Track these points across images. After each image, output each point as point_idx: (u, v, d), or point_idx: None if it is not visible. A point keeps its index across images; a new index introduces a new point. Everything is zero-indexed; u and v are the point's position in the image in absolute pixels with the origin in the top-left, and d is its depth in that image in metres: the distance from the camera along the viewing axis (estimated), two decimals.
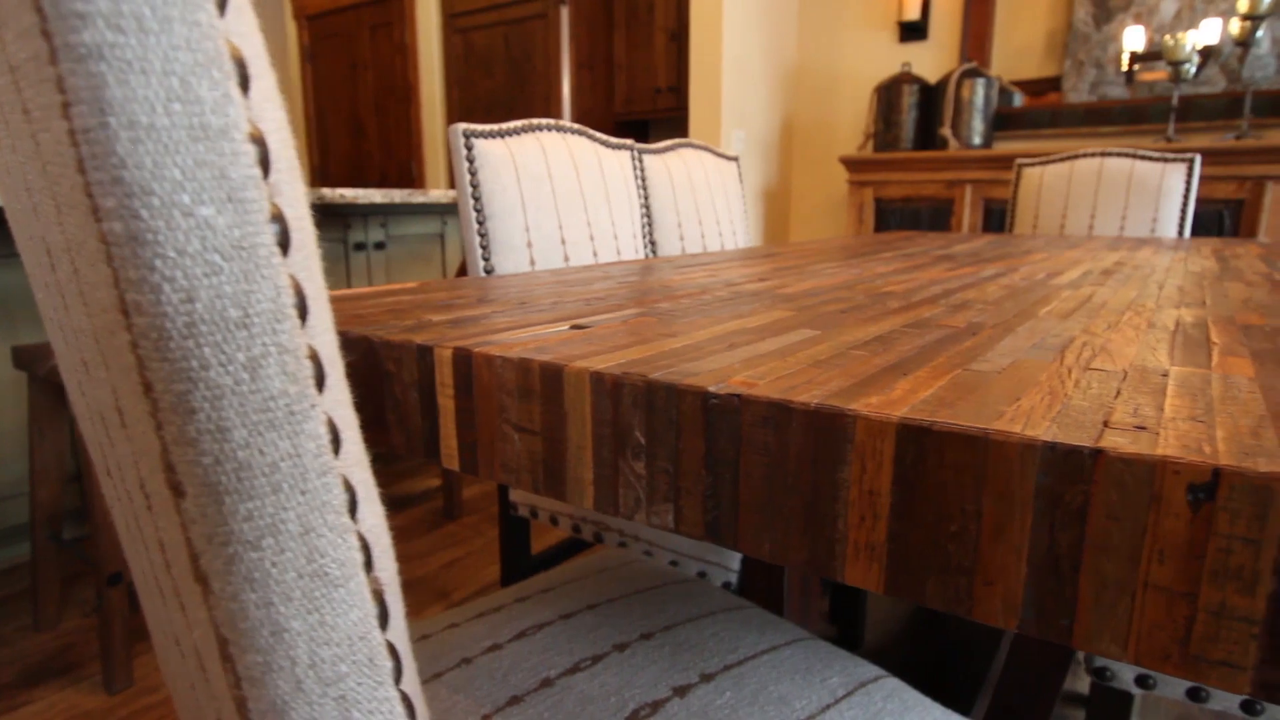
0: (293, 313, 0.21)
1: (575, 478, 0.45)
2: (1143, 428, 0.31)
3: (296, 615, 0.22)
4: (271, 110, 0.22)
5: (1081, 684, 1.44)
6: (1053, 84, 3.16)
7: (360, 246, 2.23)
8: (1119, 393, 0.37)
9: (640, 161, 1.60)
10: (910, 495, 0.33)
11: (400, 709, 0.26)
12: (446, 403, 0.51)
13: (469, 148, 1.19)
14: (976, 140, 2.98)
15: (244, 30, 0.20)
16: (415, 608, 1.56)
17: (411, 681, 0.29)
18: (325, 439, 0.23)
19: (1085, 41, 3.14)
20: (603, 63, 3.67)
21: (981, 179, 2.83)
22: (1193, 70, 2.82)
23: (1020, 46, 3.16)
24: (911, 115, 3.03)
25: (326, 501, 0.23)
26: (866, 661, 0.67)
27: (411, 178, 4.47)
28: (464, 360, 0.49)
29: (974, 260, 1.20)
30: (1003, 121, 3.09)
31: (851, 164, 3.14)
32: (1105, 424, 0.32)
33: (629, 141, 1.50)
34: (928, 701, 0.62)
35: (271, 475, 0.21)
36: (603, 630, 0.67)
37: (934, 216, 2.96)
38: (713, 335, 0.54)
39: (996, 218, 2.85)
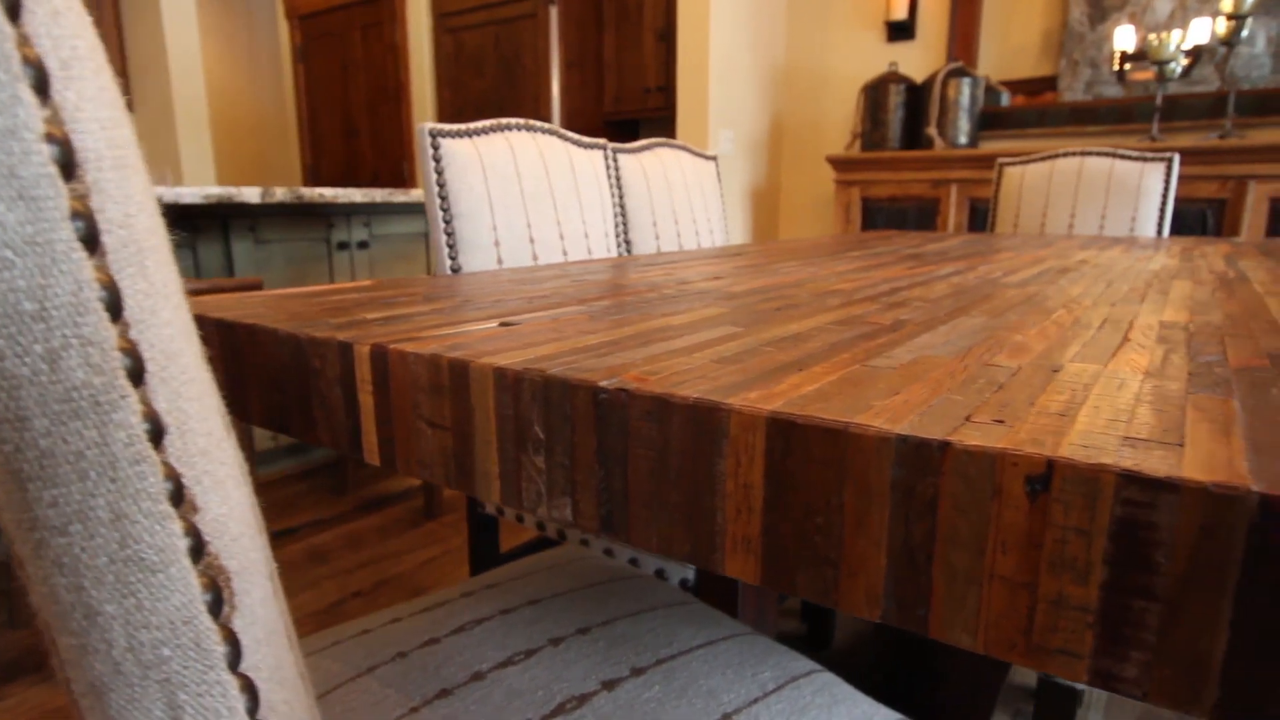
0: (99, 306, 0.21)
1: (483, 472, 0.46)
2: (1000, 421, 0.32)
3: (110, 600, 0.23)
4: (94, 111, 0.22)
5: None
6: (1049, 83, 3.16)
7: (343, 246, 2.24)
8: (1001, 387, 0.38)
9: (615, 161, 1.61)
10: (780, 488, 0.34)
11: (236, 692, 0.27)
12: (366, 399, 0.52)
13: (435, 147, 1.20)
14: (962, 140, 2.98)
15: (54, 33, 0.20)
16: (388, 605, 1.57)
17: (264, 666, 0.29)
18: (139, 429, 0.23)
19: (1080, 41, 3.14)
20: (592, 62, 3.68)
21: (967, 178, 2.84)
22: (1178, 70, 2.83)
23: (1016, 46, 3.16)
24: (898, 115, 3.04)
25: (141, 489, 0.23)
26: (803, 657, 0.68)
27: (403, 178, 4.48)
28: (380, 357, 0.50)
29: (939, 259, 1.21)
30: (990, 121, 3.10)
31: (838, 163, 3.14)
32: (967, 418, 0.32)
33: (601, 141, 1.50)
34: (858, 695, 0.63)
35: (77, 463, 0.21)
36: (541, 625, 0.68)
37: (920, 216, 2.96)
38: (635, 332, 0.54)
39: (981, 217, 2.86)
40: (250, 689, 0.28)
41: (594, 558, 0.85)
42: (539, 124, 1.37)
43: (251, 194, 1.71)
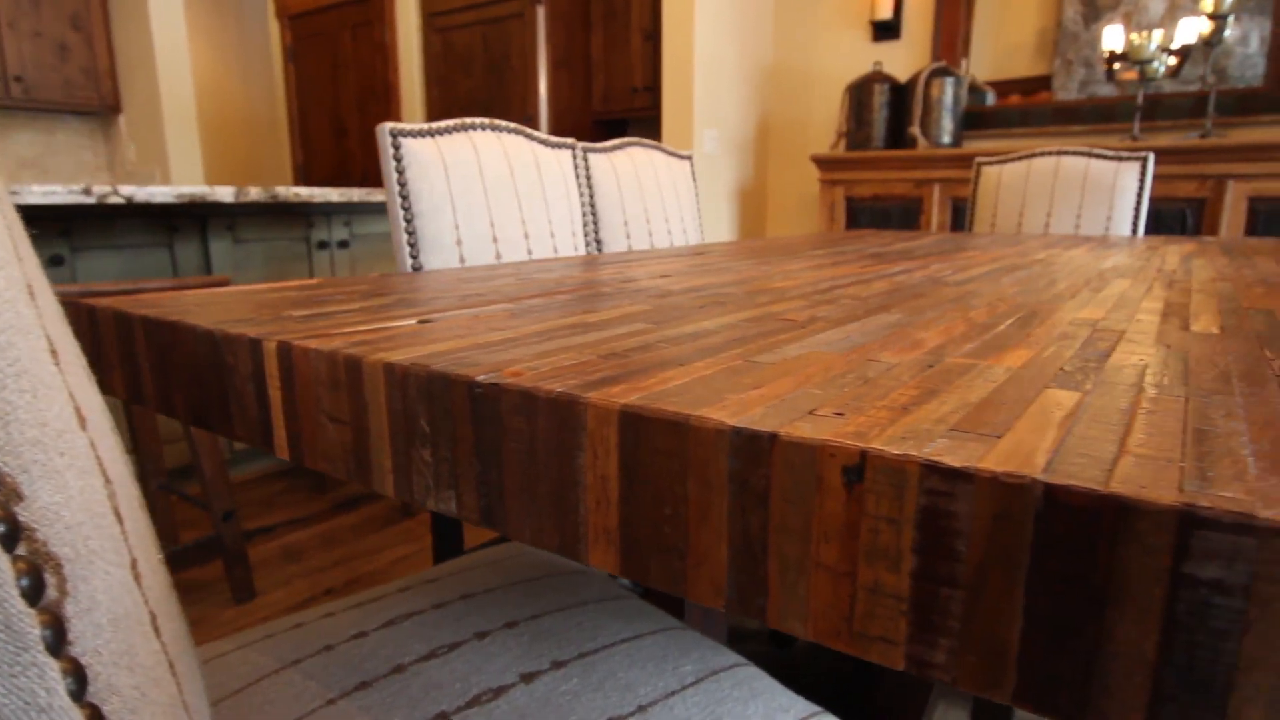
0: None
1: (378, 466, 0.46)
2: (840, 414, 0.32)
3: None
4: None
5: None
6: (1043, 83, 3.16)
7: (323, 245, 2.24)
8: (866, 381, 0.38)
9: (585, 160, 1.61)
10: (633, 480, 0.35)
11: (57, 674, 0.28)
12: (275, 394, 0.52)
13: (396, 147, 1.20)
14: (945, 139, 2.98)
15: None
16: None
17: (106, 651, 0.30)
18: None
19: (1074, 40, 3.14)
20: (580, 62, 3.69)
21: (949, 178, 2.84)
22: (1161, 69, 2.83)
23: (1011, 45, 3.16)
24: (882, 114, 3.04)
25: None
26: (731, 651, 0.69)
27: None
28: (286, 353, 0.51)
29: (898, 258, 1.21)
30: (974, 120, 3.10)
31: (822, 163, 3.15)
32: (811, 411, 0.33)
33: (570, 140, 1.51)
34: (778, 688, 0.64)
35: None
36: (470, 619, 0.68)
37: (903, 215, 2.97)
38: (546, 329, 0.55)
39: (964, 216, 2.86)
40: (78, 672, 0.28)
41: (535, 554, 0.85)
42: (504, 123, 1.38)
43: (225, 193, 1.71)
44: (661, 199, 1.77)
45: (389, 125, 1.20)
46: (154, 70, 3.46)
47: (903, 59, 3.26)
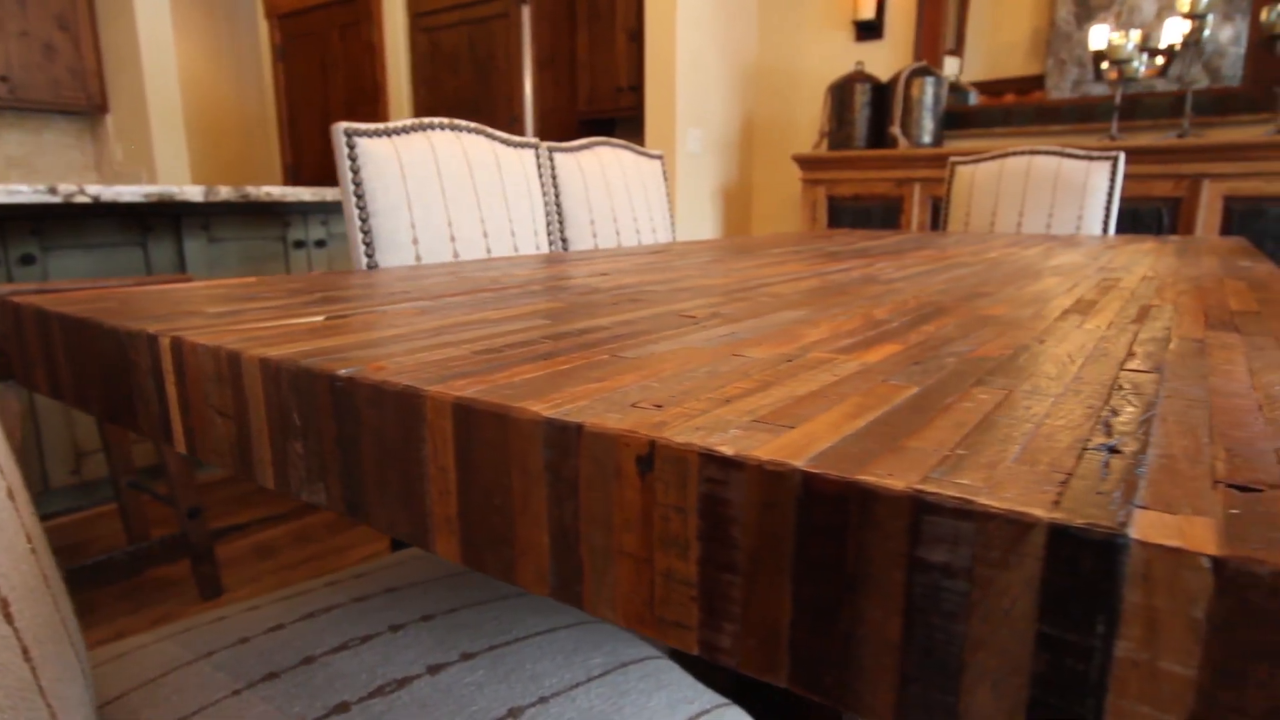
0: None
1: (259, 459, 0.47)
2: (660, 405, 0.33)
3: None
4: None
5: None
6: (1037, 82, 3.16)
7: (300, 244, 2.25)
8: (712, 374, 0.39)
9: (551, 160, 1.62)
10: (468, 471, 0.35)
11: None
12: (171, 390, 0.53)
13: (351, 146, 1.21)
14: (926, 139, 2.99)
15: None
16: None
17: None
18: None
19: (1067, 40, 3.14)
20: (565, 62, 3.69)
21: (929, 177, 2.85)
22: (1141, 69, 2.83)
23: (1005, 44, 3.16)
24: (864, 114, 3.05)
25: None
26: (647, 644, 0.69)
27: None
28: (178, 349, 0.51)
29: (852, 256, 1.22)
30: (956, 120, 3.10)
31: (804, 162, 3.15)
32: (635, 404, 0.34)
33: (533, 140, 1.52)
34: (687, 680, 0.64)
35: None
36: (387, 612, 0.69)
37: (884, 214, 2.97)
38: (442, 325, 0.56)
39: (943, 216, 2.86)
40: None
41: None
42: (463, 123, 1.39)
43: (195, 192, 1.72)
44: (629, 198, 1.78)
45: (343, 125, 1.20)
46: (140, 70, 3.47)
47: (886, 59, 3.27)
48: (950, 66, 3.23)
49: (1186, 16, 2.57)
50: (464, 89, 3.88)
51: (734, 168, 3.58)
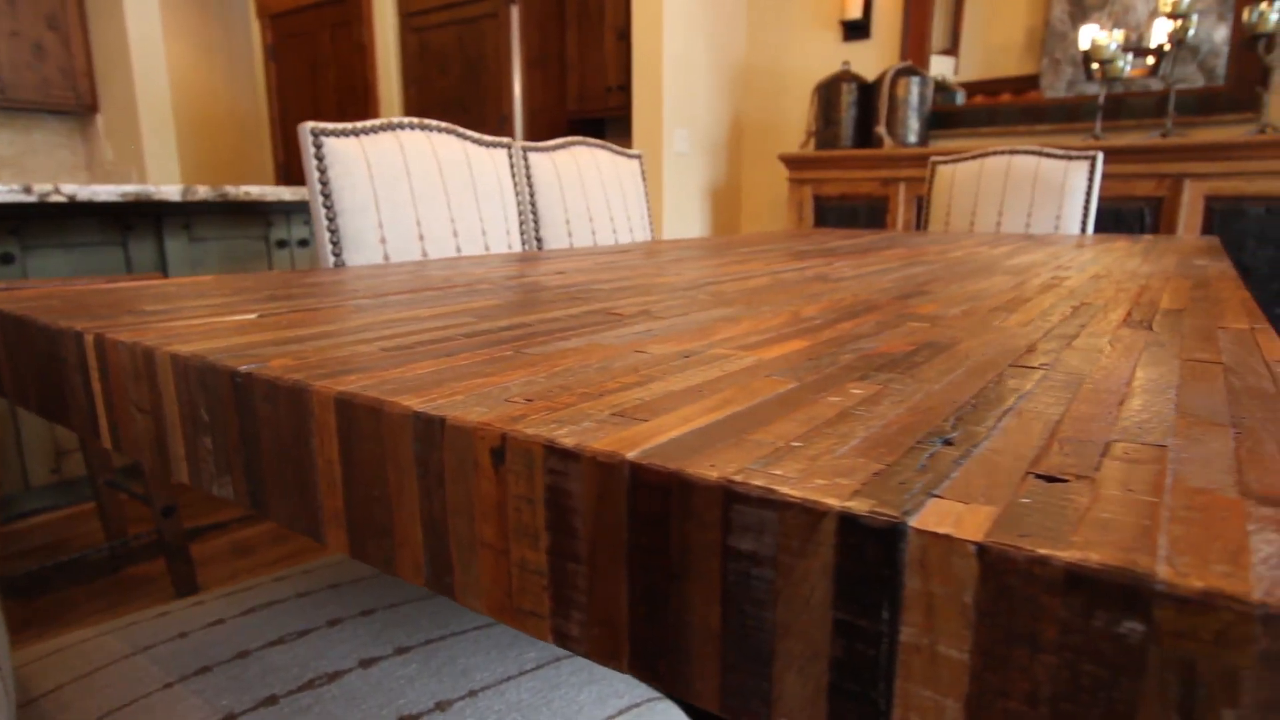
0: None
1: (174, 454, 0.48)
2: (530, 400, 0.34)
3: None
4: None
5: None
6: (1032, 82, 3.16)
7: (283, 244, 2.26)
8: (601, 369, 0.40)
9: (525, 159, 1.63)
10: (350, 464, 0.36)
11: None
12: (96, 385, 0.54)
13: (318, 146, 1.22)
14: (912, 139, 2.99)
15: None
16: None
17: None
18: None
19: (1062, 40, 3.14)
20: (555, 61, 3.70)
21: (915, 177, 2.85)
22: (1126, 69, 2.84)
23: (1001, 44, 3.16)
24: (850, 114, 3.05)
25: None
26: None
27: None
28: (101, 346, 0.52)
29: (816, 255, 1.23)
30: (943, 120, 3.11)
31: (791, 162, 3.16)
32: (507, 400, 0.34)
33: (506, 140, 1.52)
34: (618, 674, 0.65)
35: None
36: (328, 608, 0.70)
37: (870, 214, 2.98)
38: (368, 323, 0.56)
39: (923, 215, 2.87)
40: None
41: None
42: (434, 123, 1.39)
43: (172, 192, 1.73)
44: (606, 197, 1.78)
45: (310, 125, 1.21)
46: (130, 70, 3.48)
47: (873, 59, 3.27)
48: (945, 66, 3.24)
49: (1169, 16, 2.57)
50: (454, 89, 3.88)
51: (723, 167, 3.59)
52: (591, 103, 3.68)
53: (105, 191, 1.61)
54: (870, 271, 0.96)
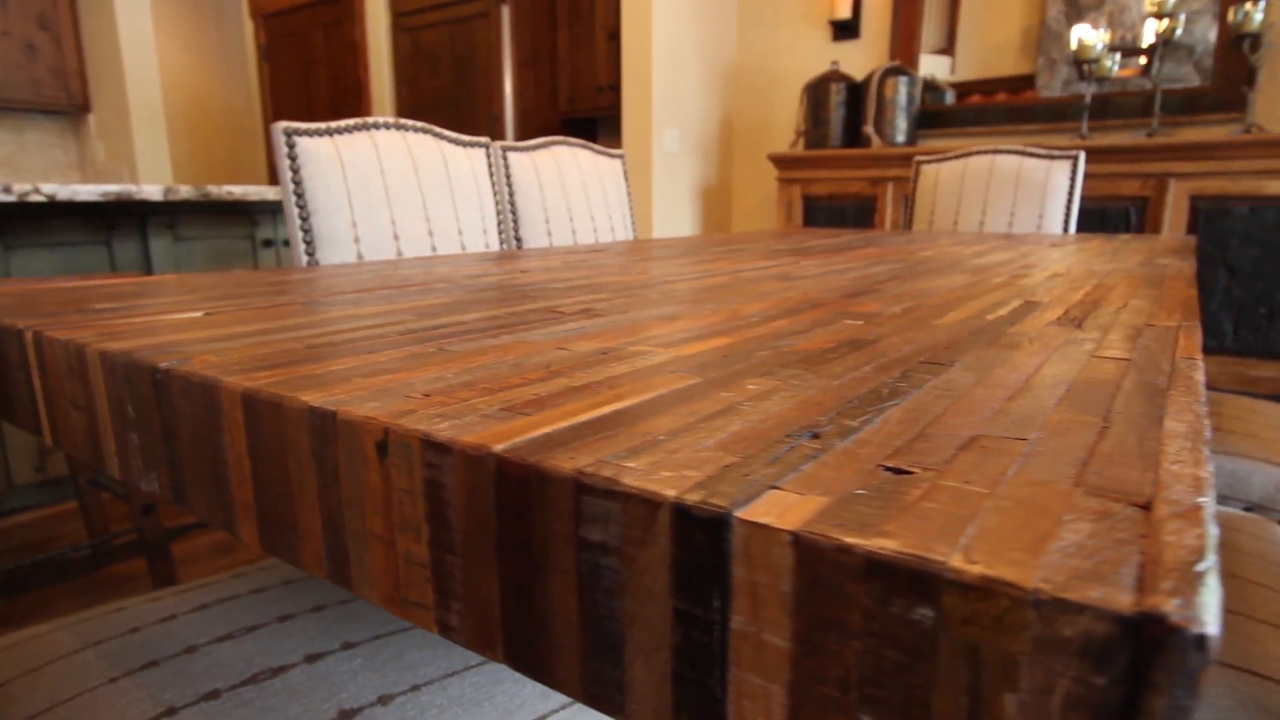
0: None
1: (106, 449, 0.48)
2: (427, 395, 0.34)
3: None
4: None
5: None
6: (1028, 81, 3.17)
7: (269, 243, 2.26)
8: (514, 366, 0.40)
9: (505, 159, 1.63)
10: (257, 458, 0.36)
11: None
12: (36, 382, 0.54)
13: (290, 145, 1.22)
14: (900, 138, 3.00)
15: None
16: None
17: None
18: None
19: (1057, 40, 3.15)
20: (546, 61, 3.71)
21: (902, 176, 2.86)
22: (1114, 68, 2.84)
23: (997, 44, 3.16)
24: (839, 113, 3.06)
25: None
26: None
27: None
28: (38, 343, 0.53)
29: (789, 254, 1.23)
30: (931, 120, 3.11)
31: (780, 161, 3.16)
32: (405, 395, 0.35)
33: (484, 139, 1.53)
34: None
35: None
36: (280, 603, 0.70)
37: (858, 213, 2.98)
38: (303, 321, 0.57)
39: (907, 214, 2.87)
40: None
41: None
42: (410, 123, 1.40)
43: (154, 191, 1.74)
44: (586, 196, 1.79)
45: (282, 125, 1.21)
46: (121, 70, 3.49)
47: (862, 58, 3.28)
48: (941, 66, 3.24)
49: (1155, 15, 2.57)
50: (445, 88, 3.89)
51: (714, 167, 3.59)
52: (583, 102, 3.68)
53: (86, 191, 1.62)
54: (832, 270, 0.96)
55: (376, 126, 1.34)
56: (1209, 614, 0.16)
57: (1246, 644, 0.71)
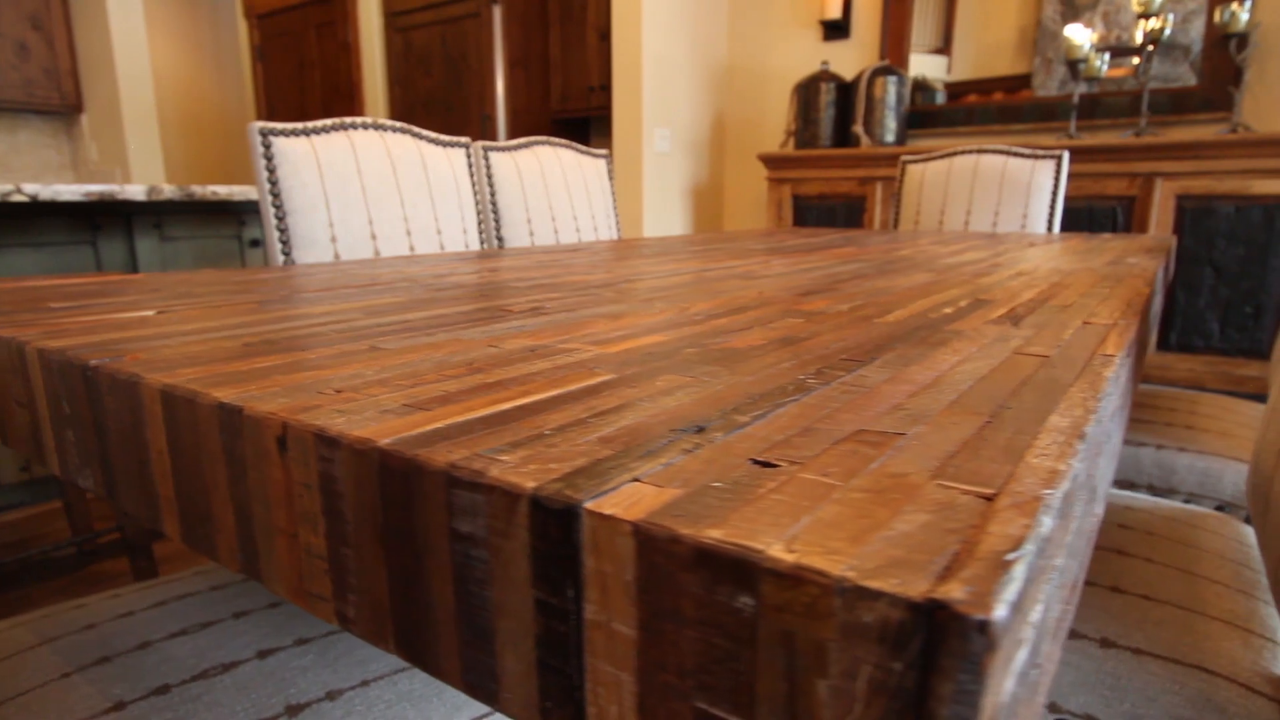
0: None
1: (47, 446, 0.49)
2: (340, 392, 0.35)
3: None
4: None
5: None
6: (1024, 81, 3.17)
7: (256, 243, 2.27)
8: (436, 363, 0.41)
9: (486, 159, 1.64)
10: (176, 454, 0.37)
11: None
12: None
13: (266, 146, 1.23)
14: (889, 138, 3.00)
15: None
16: None
17: None
18: None
19: (1054, 39, 3.15)
20: (538, 61, 3.71)
21: (891, 176, 2.86)
22: (1104, 68, 2.84)
23: (994, 44, 3.16)
24: (829, 113, 3.06)
25: None
26: None
27: None
28: None
29: (763, 253, 1.24)
30: (921, 119, 3.12)
31: (769, 161, 3.17)
32: (319, 391, 0.35)
33: (464, 140, 1.53)
34: None
35: None
36: (238, 600, 0.71)
37: (848, 213, 2.98)
38: (250, 320, 0.57)
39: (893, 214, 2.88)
40: None
41: None
42: (388, 123, 1.40)
43: (137, 191, 1.74)
44: (569, 196, 1.79)
45: (258, 125, 1.22)
46: (113, 71, 3.50)
47: (853, 58, 3.28)
48: (938, 65, 3.24)
49: (1142, 15, 2.58)
50: (438, 88, 3.90)
51: (705, 166, 3.60)
52: (574, 102, 3.69)
53: (68, 191, 1.62)
54: (799, 270, 0.97)
55: (354, 126, 1.34)
56: (999, 601, 0.17)
57: (1198, 641, 0.72)
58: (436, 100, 3.95)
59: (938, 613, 0.16)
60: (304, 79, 4.58)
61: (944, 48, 3.26)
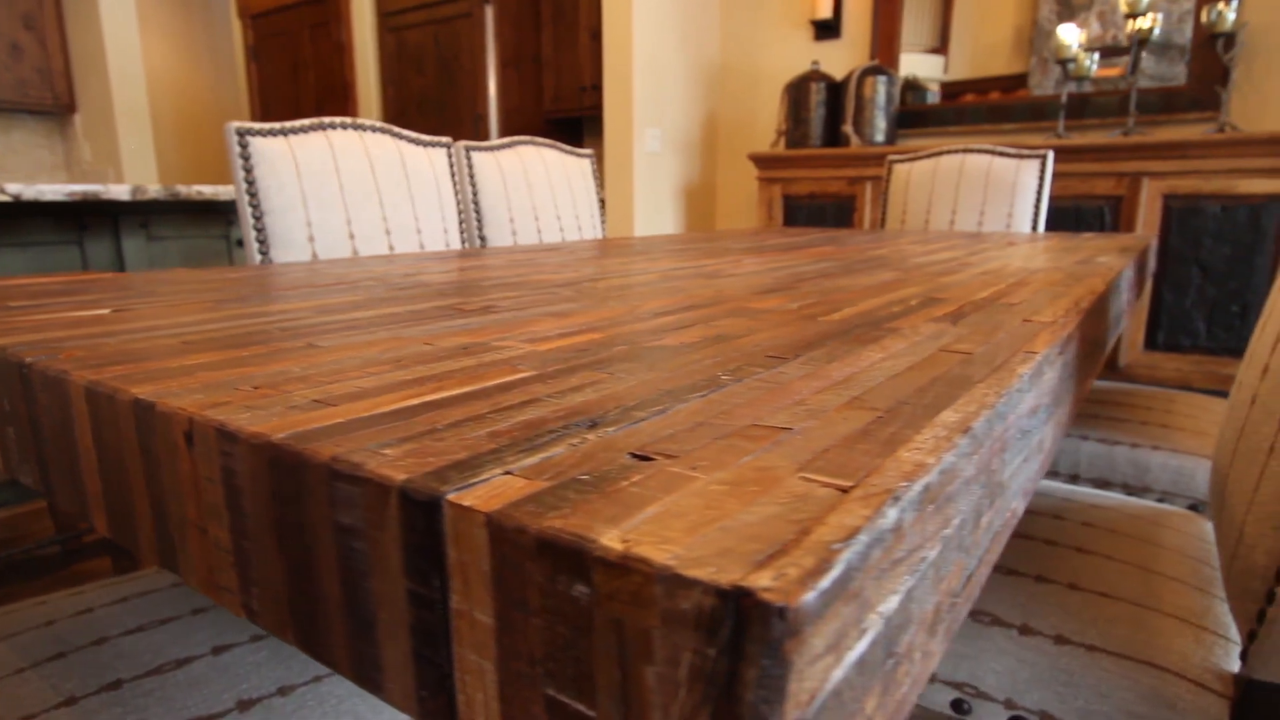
0: None
1: None
2: (257, 387, 0.35)
3: None
4: None
5: None
6: (1021, 80, 3.17)
7: (242, 243, 2.27)
8: (369, 361, 0.41)
9: (468, 159, 1.64)
10: (102, 449, 0.38)
11: None
12: None
13: (243, 145, 1.23)
14: (879, 138, 3.00)
15: None
16: None
17: None
18: None
19: (1049, 39, 3.15)
20: (530, 61, 3.72)
21: (881, 175, 2.86)
22: (1093, 67, 2.84)
23: (990, 43, 3.17)
24: (819, 113, 3.07)
25: None
26: None
27: None
28: None
29: (739, 252, 1.24)
30: (912, 119, 3.12)
31: (760, 161, 3.17)
32: (236, 388, 0.36)
33: (445, 139, 1.54)
34: None
35: None
36: (198, 597, 0.71)
37: (838, 212, 2.99)
38: (202, 318, 0.58)
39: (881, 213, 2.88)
40: None
41: None
42: (367, 122, 1.41)
43: (121, 191, 1.75)
44: (553, 195, 1.80)
45: (235, 124, 1.23)
46: (106, 71, 3.51)
47: (844, 58, 3.29)
48: (934, 65, 3.24)
49: (1129, 15, 2.58)
50: (430, 88, 3.91)
51: (697, 166, 3.60)
52: (567, 102, 3.70)
53: (52, 191, 1.63)
54: (767, 269, 0.97)
55: (332, 126, 1.35)
56: (808, 588, 0.17)
57: (1151, 638, 0.72)
58: (429, 100, 3.95)
59: (743, 600, 0.17)
60: (298, 79, 4.58)
61: (940, 47, 3.26)
